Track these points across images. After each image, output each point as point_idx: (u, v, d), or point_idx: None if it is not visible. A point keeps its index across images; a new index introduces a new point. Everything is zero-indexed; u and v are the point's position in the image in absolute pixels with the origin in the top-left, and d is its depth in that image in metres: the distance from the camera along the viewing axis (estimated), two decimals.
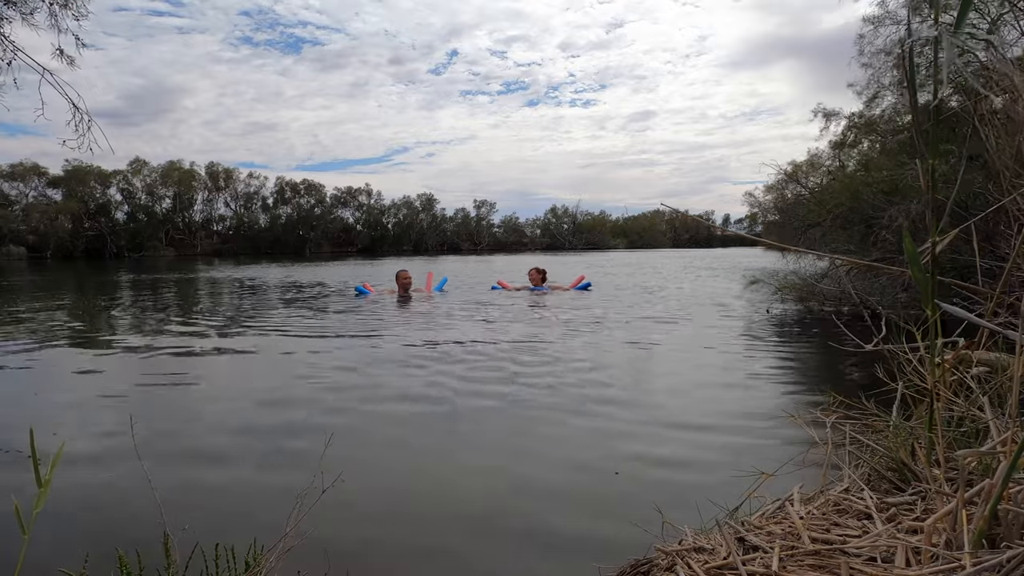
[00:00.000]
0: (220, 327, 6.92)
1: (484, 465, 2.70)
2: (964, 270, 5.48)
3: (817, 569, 1.14)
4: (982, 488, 1.11)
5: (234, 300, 10.45)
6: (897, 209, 5.85)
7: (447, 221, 59.36)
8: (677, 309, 8.25)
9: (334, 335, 6.20)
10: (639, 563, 1.36)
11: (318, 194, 54.48)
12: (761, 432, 3.03)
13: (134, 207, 48.52)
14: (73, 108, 2.97)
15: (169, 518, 1.48)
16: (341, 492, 2.00)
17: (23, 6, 3.05)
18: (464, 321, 7.18)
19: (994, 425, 1.36)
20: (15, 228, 41.18)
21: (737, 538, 1.30)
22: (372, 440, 3.04)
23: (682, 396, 3.82)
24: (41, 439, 2.96)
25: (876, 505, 1.36)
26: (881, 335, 1.65)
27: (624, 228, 65.34)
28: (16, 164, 44.10)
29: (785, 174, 9.36)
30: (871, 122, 7.68)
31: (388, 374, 4.43)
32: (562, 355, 4.99)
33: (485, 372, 4.41)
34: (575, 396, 3.77)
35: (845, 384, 3.89)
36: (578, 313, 7.82)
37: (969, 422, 1.59)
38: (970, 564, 1.00)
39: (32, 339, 6.12)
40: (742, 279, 11.86)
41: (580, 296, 10.09)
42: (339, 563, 1.77)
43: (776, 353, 5.12)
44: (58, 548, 1.93)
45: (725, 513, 1.50)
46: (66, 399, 3.86)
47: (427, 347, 5.50)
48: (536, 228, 62.66)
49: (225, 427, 3.24)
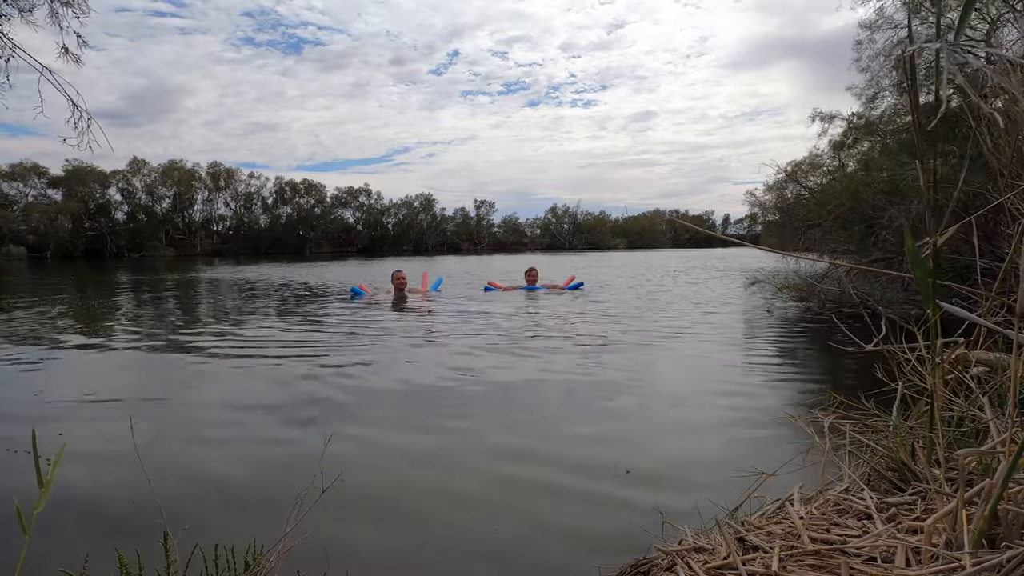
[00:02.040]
0: (220, 327, 6.92)
1: (484, 465, 2.70)
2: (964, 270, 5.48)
3: (817, 569, 1.14)
4: (982, 488, 1.11)
5: (234, 301, 10.45)
6: (897, 209, 5.85)
7: (447, 221, 59.38)
8: (677, 309, 8.25)
9: (333, 336, 6.20)
10: (639, 563, 1.37)
11: (318, 194, 54.51)
12: (761, 432, 3.03)
13: (134, 207, 48.52)
14: (72, 106, 2.96)
15: (169, 518, 1.49)
16: (341, 492, 2.00)
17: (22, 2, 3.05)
18: (462, 321, 7.18)
19: (994, 425, 1.36)
20: (15, 228, 41.17)
21: (737, 538, 1.30)
22: (372, 440, 3.04)
23: (682, 396, 3.81)
24: (44, 440, 2.96)
25: (876, 505, 1.36)
26: (881, 335, 1.65)
27: (624, 228, 65.34)
28: (16, 164, 44.16)
29: (785, 174, 9.36)
30: (870, 123, 7.68)
31: (388, 374, 4.43)
32: (561, 355, 4.99)
33: (485, 372, 4.41)
34: (575, 395, 3.77)
35: (845, 384, 3.89)
36: (577, 313, 7.82)
37: (969, 422, 1.59)
38: (970, 564, 1.00)
39: (33, 339, 6.12)
40: (743, 279, 11.87)
41: (578, 296, 10.10)
42: (339, 563, 1.77)
43: (776, 353, 5.12)
44: (58, 548, 1.93)
45: (725, 513, 1.51)
46: (67, 399, 3.86)
47: (426, 346, 5.50)
48: (536, 228, 62.67)
49: (225, 427, 3.24)
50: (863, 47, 7.20)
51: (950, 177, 5.41)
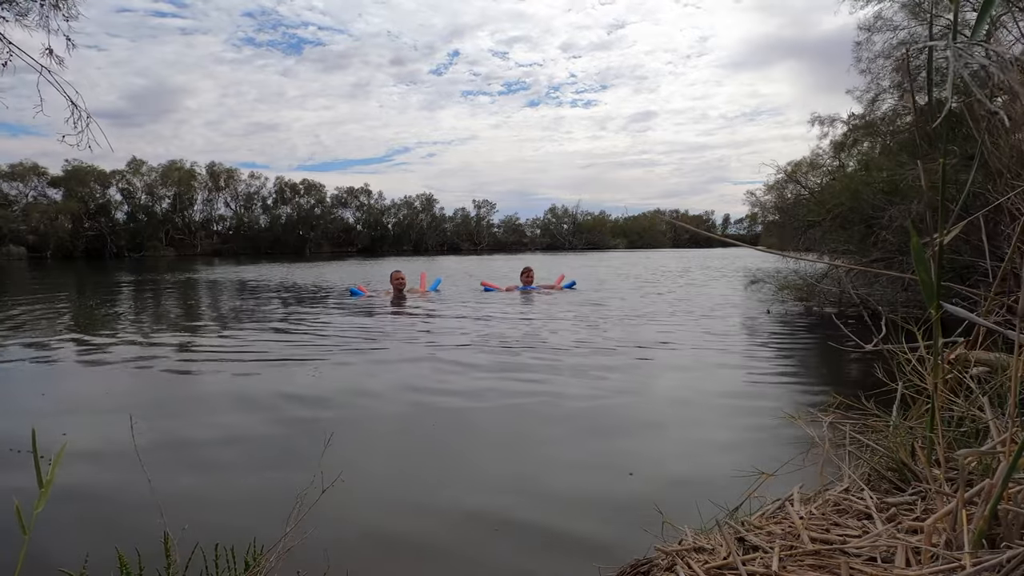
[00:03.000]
0: (219, 327, 6.92)
1: (484, 466, 2.70)
2: (964, 270, 5.49)
3: (817, 569, 1.14)
4: (982, 488, 1.11)
5: (233, 301, 10.45)
6: (898, 209, 5.84)
7: (447, 221, 59.38)
8: (677, 309, 8.25)
9: (333, 336, 6.19)
10: (639, 563, 1.36)
11: (318, 194, 54.50)
12: (761, 432, 3.03)
13: (134, 207, 48.51)
14: (72, 105, 2.96)
15: (169, 518, 1.48)
16: (341, 492, 2.00)
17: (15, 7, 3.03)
18: (461, 321, 7.17)
19: (994, 425, 1.36)
20: (15, 228, 41.16)
21: (737, 538, 1.30)
22: (372, 440, 3.04)
23: (682, 396, 3.81)
24: (46, 439, 2.96)
25: (876, 505, 1.36)
26: (881, 335, 1.65)
27: (624, 228, 65.32)
28: (16, 164, 44.14)
29: (785, 174, 9.35)
30: (870, 124, 7.67)
31: (388, 374, 4.43)
32: (561, 356, 4.99)
33: (485, 372, 4.41)
34: (574, 395, 3.76)
35: (845, 384, 3.89)
36: (576, 313, 7.82)
37: (969, 422, 1.59)
38: (970, 564, 1.00)
39: (33, 339, 6.12)
40: (742, 280, 11.86)
41: (577, 295, 10.10)
42: (339, 563, 1.77)
43: (776, 353, 5.12)
44: (58, 548, 1.93)
45: (725, 513, 1.51)
46: (68, 399, 3.86)
47: (426, 347, 5.50)
48: (536, 228, 62.67)
49: (225, 427, 3.24)
50: (862, 47, 7.20)
51: (949, 177, 5.40)
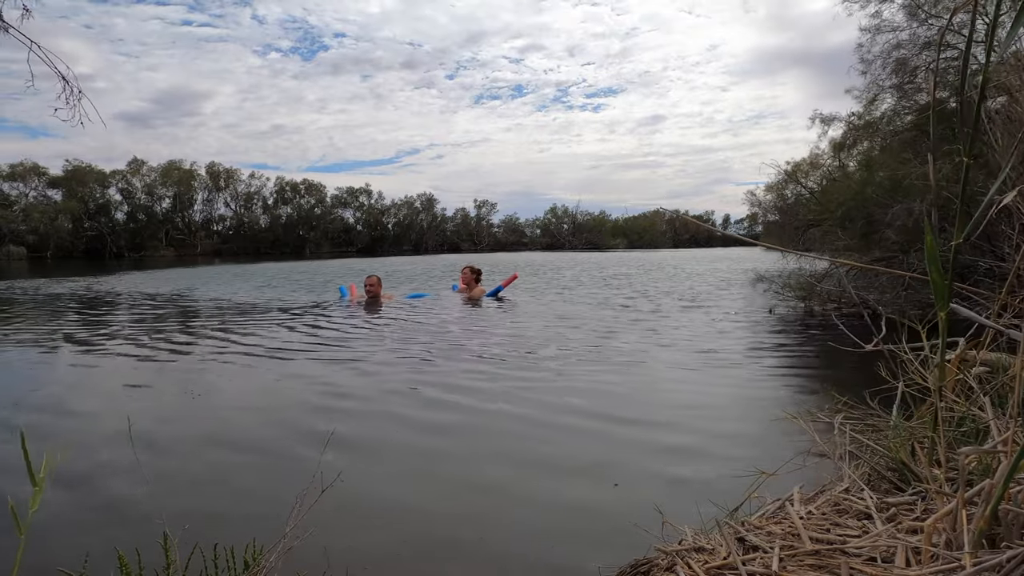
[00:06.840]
0: (218, 328, 6.91)
1: (483, 465, 2.70)
2: (964, 270, 5.49)
3: (817, 569, 1.14)
4: (982, 488, 1.10)
5: (233, 302, 10.44)
6: (900, 208, 5.84)
7: (447, 221, 59.40)
8: (677, 309, 8.24)
9: (330, 337, 6.19)
10: (639, 563, 1.36)
11: (318, 194, 54.57)
12: (761, 432, 3.02)
13: (134, 207, 48.56)
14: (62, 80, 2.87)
15: (169, 518, 1.48)
16: (341, 492, 2.00)
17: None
18: (459, 322, 7.17)
19: (995, 425, 1.36)
20: (15, 228, 41.19)
21: (737, 538, 1.30)
22: (372, 440, 3.04)
23: (682, 396, 3.81)
24: (44, 440, 2.96)
25: (876, 505, 1.36)
26: (881, 335, 1.64)
27: (624, 228, 65.34)
28: (16, 164, 44.19)
29: (785, 174, 9.34)
30: (870, 123, 7.67)
31: (388, 374, 4.43)
32: (559, 356, 4.99)
33: (484, 372, 4.41)
34: (572, 395, 3.76)
35: (846, 384, 3.88)
36: (573, 313, 7.81)
37: (970, 422, 1.59)
38: (970, 564, 1.00)
39: (32, 339, 6.12)
40: (742, 280, 11.85)
41: (575, 295, 10.07)
42: (339, 563, 1.77)
43: (777, 353, 5.11)
44: (58, 548, 1.93)
45: (725, 513, 1.50)
46: (66, 398, 3.86)
47: (424, 349, 5.50)
48: (536, 228, 62.70)
49: (224, 427, 3.24)
50: (864, 49, 7.21)
51: (951, 176, 5.40)
